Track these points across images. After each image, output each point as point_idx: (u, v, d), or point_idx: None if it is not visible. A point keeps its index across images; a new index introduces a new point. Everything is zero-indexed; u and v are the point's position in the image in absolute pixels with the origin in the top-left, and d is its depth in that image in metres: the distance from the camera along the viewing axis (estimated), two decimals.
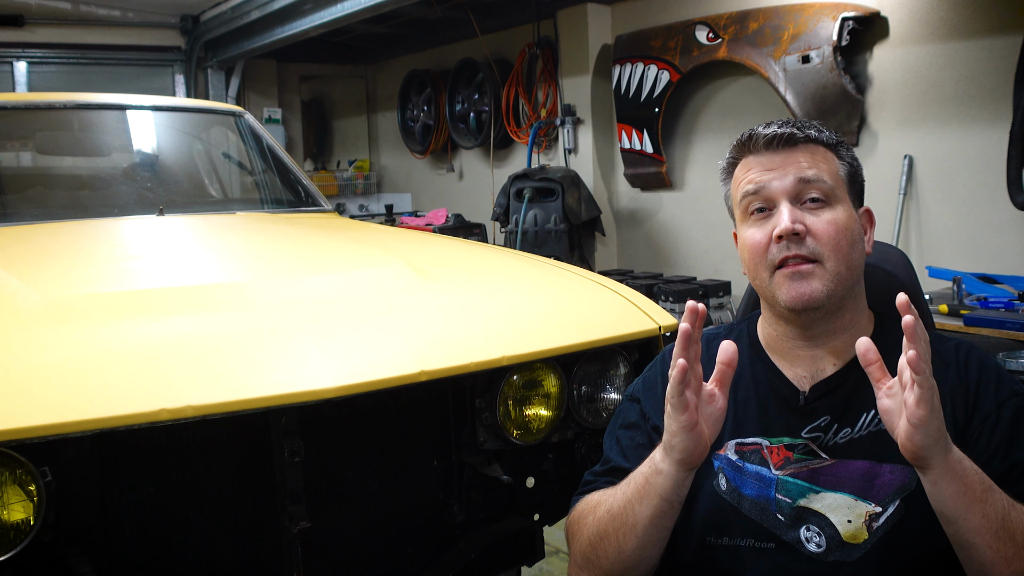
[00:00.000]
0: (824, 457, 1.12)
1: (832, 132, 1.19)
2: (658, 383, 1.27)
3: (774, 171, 1.13)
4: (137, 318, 1.41)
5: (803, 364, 1.17)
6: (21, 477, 1.17)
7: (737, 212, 1.19)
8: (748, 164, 1.17)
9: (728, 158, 1.22)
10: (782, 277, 1.11)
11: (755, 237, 1.14)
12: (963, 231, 3.77)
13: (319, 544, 1.45)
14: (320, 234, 2.40)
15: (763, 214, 1.14)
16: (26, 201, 2.69)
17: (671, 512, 1.11)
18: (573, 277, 1.95)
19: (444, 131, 6.64)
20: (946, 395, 1.10)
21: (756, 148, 1.16)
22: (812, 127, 1.17)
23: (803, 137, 1.15)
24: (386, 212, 6.51)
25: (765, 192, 1.13)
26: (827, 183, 1.12)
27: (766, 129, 1.16)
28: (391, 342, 1.46)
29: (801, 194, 1.12)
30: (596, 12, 5.35)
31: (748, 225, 1.16)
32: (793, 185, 1.12)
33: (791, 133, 1.14)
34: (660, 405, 1.24)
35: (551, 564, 2.79)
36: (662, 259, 5.25)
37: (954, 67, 3.73)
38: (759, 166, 1.15)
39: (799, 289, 1.10)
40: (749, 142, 1.17)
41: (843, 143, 1.19)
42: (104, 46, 6.54)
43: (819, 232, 1.10)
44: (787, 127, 1.15)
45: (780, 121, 1.18)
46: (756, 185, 1.14)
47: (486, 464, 1.62)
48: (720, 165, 1.23)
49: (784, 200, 1.12)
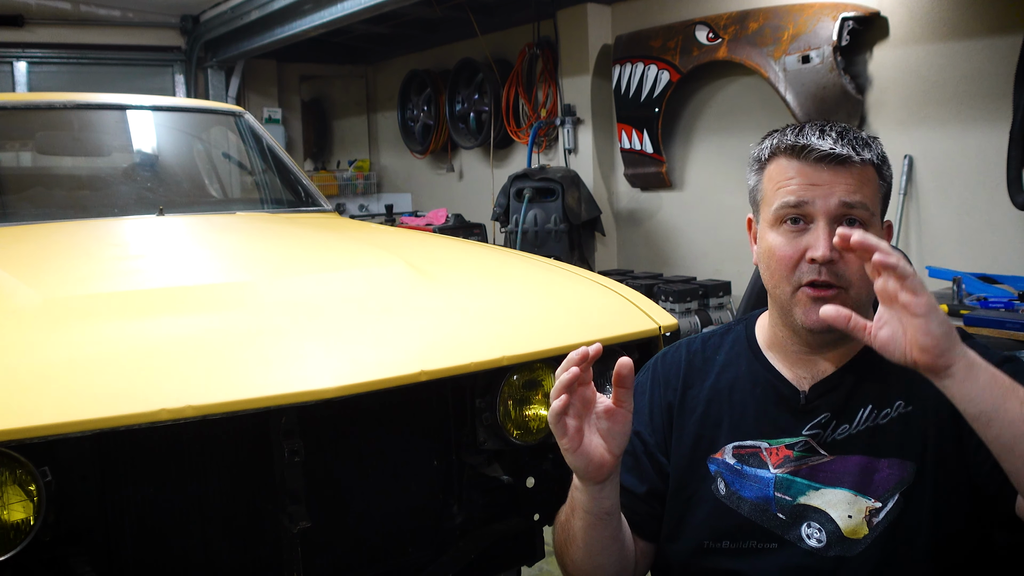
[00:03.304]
0: (823, 454, 1.12)
1: (880, 148, 1.13)
2: (647, 390, 1.27)
3: (819, 188, 1.08)
4: (137, 318, 1.41)
5: (803, 366, 1.17)
6: (21, 477, 1.17)
7: (767, 212, 1.14)
8: (790, 169, 1.11)
9: (767, 149, 1.15)
10: (805, 296, 1.09)
11: (785, 250, 1.10)
12: (963, 231, 3.77)
13: (319, 544, 1.45)
14: (320, 234, 2.39)
15: (797, 226, 1.10)
16: (26, 201, 2.69)
17: (602, 524, 1.12)
18: (573, 277, 1.95)
19: (444, 131, 6.64)
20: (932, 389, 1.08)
21: (807, 158, 1.10)
22: (867, 147, 1.11)
23: (859, 161, 1.09)
24: (386, 212, 6.52)
25: (807, 208, 1.09)
26: (868, 209, 1.09)
27: (821, 141, 1.09)
28: (391, 342, 1.46)
29: (841, 216, 1.08)
30: (596, 12, 5.35)
31: (779, 233, 1.12)
32: (837, 207, 1.08)
33: (848, 156, 1.08)
34: (645, 412, 1.25)
35: (551, 564, 2.79)
36: (662, 259, 5.25)
37: (954, 67, 3.73)
38: (803, 177, 1.10)
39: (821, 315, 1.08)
40: (801, 150, 1.10)
41: (887, 161, 1.14)
42: (104, 46, 6.54)
43: (852, 259, 1.06)
44: (845, 146, 1.09)
45: (836, 132, 1.10)
46: (799, 199, 1.09)
47: (486, 464, 1.62)
48: (752, 152, 1.18)
49: (824, 221, 1.08)
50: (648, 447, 1.23)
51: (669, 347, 1.33)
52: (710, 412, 1.21)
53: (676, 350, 1.30)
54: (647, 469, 1.22)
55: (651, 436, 1.23)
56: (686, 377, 1.25)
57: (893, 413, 1.11)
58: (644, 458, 1.23)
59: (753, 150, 1.18)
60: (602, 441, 1.05)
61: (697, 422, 1.21)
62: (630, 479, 1.22)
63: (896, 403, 1.11)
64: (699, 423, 1.21)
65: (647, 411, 1.25)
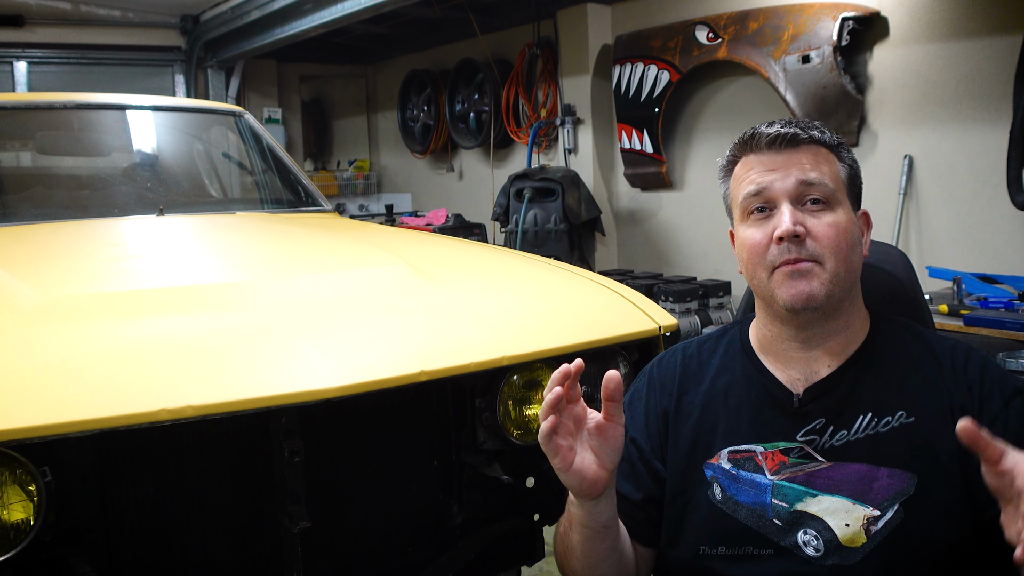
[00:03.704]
0: (820, 460, 1.11)
1: (834, 134, 1.18)
2: (643, 395, 1.27)
3: (776, 171, 1.13)
4: (137, 318, 1.41)
5: (797, 366, 1.16)
6: (21, 477, 1.17)
7: (736, 211, 1.18)
8: (749, 163, 1.16)
9: (728, 156, 1.21)
10: (781, 275, 1.10)
11: (754, 237, 1.13)
12: (963, 231, 3.77)
13: (319, 544, 1.45)
14: (320, 234, 2.40)
15: (763, 214, 1.13)
16: (26, 201, 2.69)
17: (600, 536, 1.12)
18: (573, 277, 1.95)
19: (444, 131, 6.64)
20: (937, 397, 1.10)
21: (758, 147, 1.15)
22: (815, 128, 1.16)
23: (806, 138, 1.14)
24: (386, 212, 6.51)
25: (767, 193, 1.12)
26: (828, 186, 1.12)
27: (769, 128, 1.15)
28: (391, 342, 1.46)
29: (802, 196, 1.11)
30: (596, 12, 5.35)
31: (748, 225, 1.15)
32: (795, 186, 1.11)
33: (794, 133, 1.13)
34: (641, 418, 1.25)
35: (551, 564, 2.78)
36: (662, 259, 5.25)
37: (954, 67, 3.73)
38: (760, 166, 1.14)
39: (798, 287, 1.09)
40: (751, 141, 1.16)
41: (844, 145, 1.19)
42: (104, 46, 6.54)
43: (819, 234, 1.09)
44: (790, 127, 1.14)
45: (783, 121, 1.17)
46: (758, 186, 1.13)
47: (486, 464, 1.62)
48: (719, 163, 1.22)
49: (785, 201, 1.11)
50: (644, 454, 1.23)
51: (665, 352, 1.33)
52: (706, 417, 1.20)
53: (672, 355, 1.30)
54: (643, 476, 1.22)
55: (647, 443, 1.23)
56: (681, 382, 1.25)
57: (894, 422, 1.10)
58: (640, 465, 1.22)
59: (719, 161, 1.22)
60: (595, 457, 1.04)
61: (693, 427, 1.20)
62: (627, 486, 1.22)
63: (897, 413, 1.11)
64: (695, 428, 1.20)
65: (643, 417, 1.25)
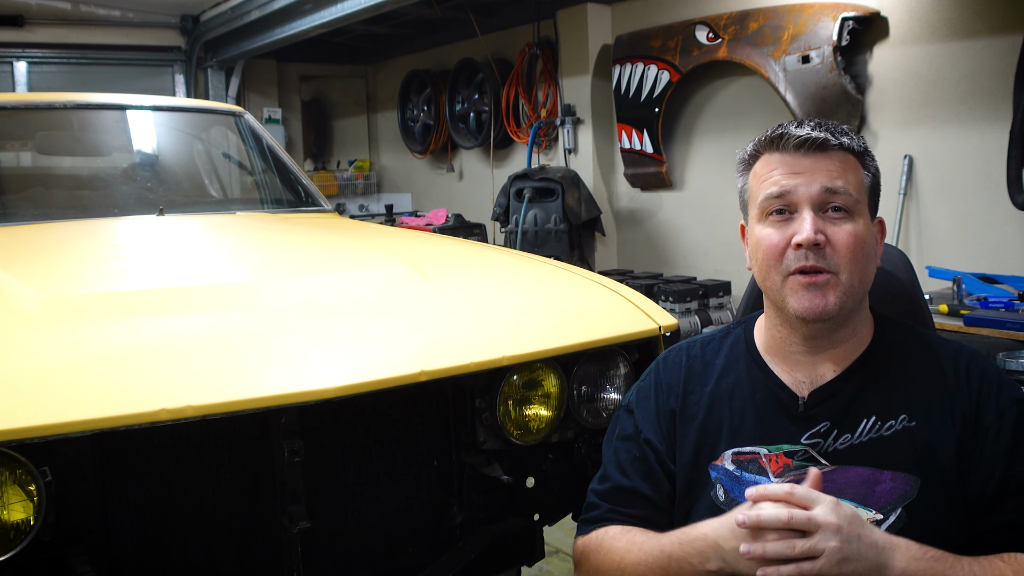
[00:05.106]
0: (824, 463, 1.11)
1: (861, 139, 1.15)
2: (651, 394, 1.26)
3: (801, 175, 1.10)
4: (137, 318, 1.41)
5: (802, 369, 1.16)
6: (21, 477, 1.17)
7: (753, 209, 1.15)
8: (772, 162, 1.13)
9: (751, 150, 1.17)
10: (796, 284, 1.09)
11: (772, 239, 1.11)
12: (963, 231, 3.77)
13: (319, 544, 1.45)
14: (320, 234, 2.39)
15: (782, 216, 1.11)
16: (26, 201, 2.69)
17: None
18: (573, 277, 1.94)
19: (444, 131, 6.64)
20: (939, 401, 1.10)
21: (785, 147, 1.12)
22: (845, 133, 1.12)
23: (836, 144, 1.11)
24: (386, 212, 6.51)
25: (789, 197, 1.10)
26: (852, 195, 1.10)
27: (798, 129, 1.11)
28: (391, 342, 1.46)
29: (825, 203, 1.09)
30: (596, 12, 5.35)
31: (765, 225, 1.13)
32: (819, 193, 1.09)
33: (825, 138, 1.10)
34: (652, 418, 1.24)
35: (551, 564, 2.79)
36: (662, 259, 5.25)
37: (954, 67, 3.73)
38: (785, 167, 1.11)
39: (813, 301, 1.08)
40: (779, 139, 1.12)
41: (869, 152, 1.15)
42: (104, 46, 6.54)
43: (839, 244, 1.08)
44: (820, 130, 1.11)
45: (812, 122, 1.13)
46: (781, 188, 1.10)
47: (486, 464, 1.62)
48: (739, 155, 1.19)
49: (807, 207, 1.09)
50: (659, 455, 1.22)
51: (669, 350, 1.32)
52: (710, 418, 1.20)
53: (676, 354, 1.29)
54: (660, 477, 1.22)
55: (661, 444, 1.23)
56: (686, 383, 1.24)
57: (897, 426, 1.10)
58: (656, 466, 1.22)
59: (739, 154, 1.20)
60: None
61: (698, 428, 1.20)
62: (646, 486, 1.22)
63: (900, 416, 1.11)
64: (700, 429, 1.20)
65: (654, 417, 1.25)
